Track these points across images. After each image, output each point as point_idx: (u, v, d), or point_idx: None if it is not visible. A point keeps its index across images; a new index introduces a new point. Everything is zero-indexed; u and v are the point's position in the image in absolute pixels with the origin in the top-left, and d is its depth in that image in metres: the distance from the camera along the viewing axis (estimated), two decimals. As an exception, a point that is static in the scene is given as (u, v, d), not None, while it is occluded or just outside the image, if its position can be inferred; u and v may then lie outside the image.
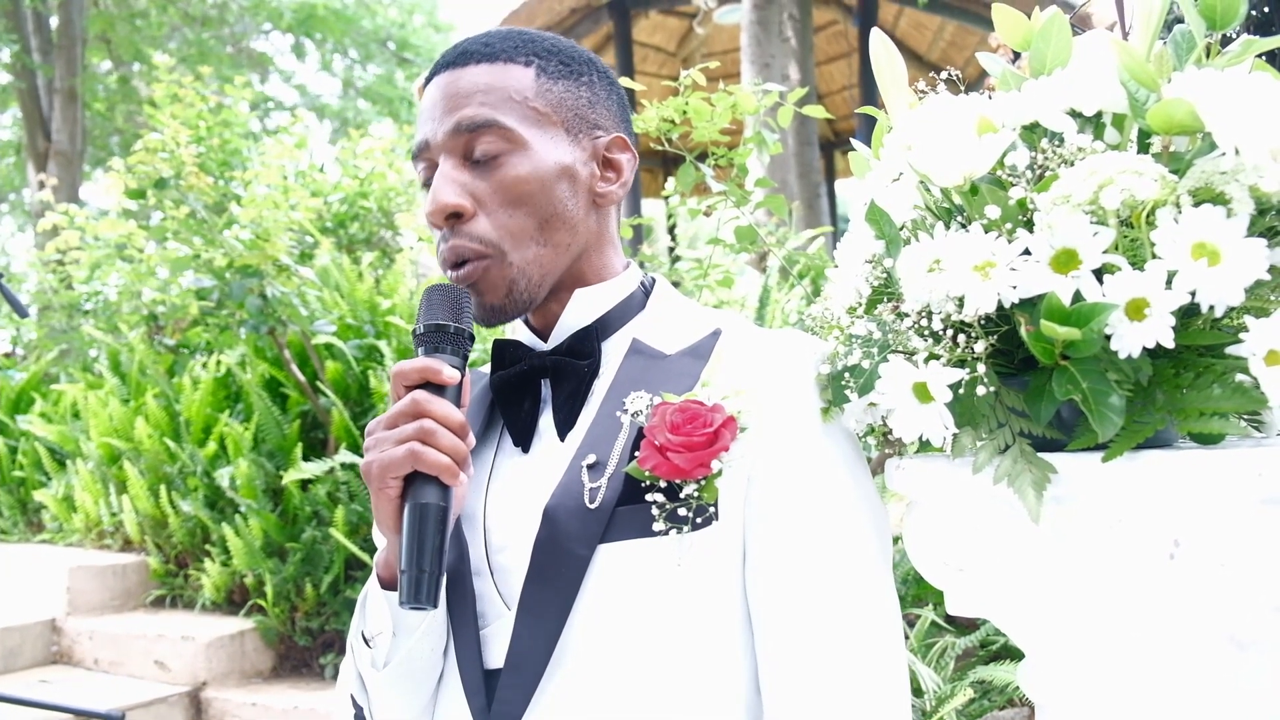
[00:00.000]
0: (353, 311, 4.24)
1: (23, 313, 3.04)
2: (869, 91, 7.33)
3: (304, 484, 3.72)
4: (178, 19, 14.47)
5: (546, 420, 1.01)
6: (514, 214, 0.97)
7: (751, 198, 2.16)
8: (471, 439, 0.91)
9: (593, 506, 0.91)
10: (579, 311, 1.03)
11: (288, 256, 3.67)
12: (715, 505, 0.90)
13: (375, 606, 0.97)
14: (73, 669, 3.76)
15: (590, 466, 0.93)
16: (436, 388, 0.90)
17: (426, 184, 1.01)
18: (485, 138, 0.96)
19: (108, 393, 4.53)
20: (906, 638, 2.35)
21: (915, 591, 2.52)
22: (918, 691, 2.13)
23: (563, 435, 0.99)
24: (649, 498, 0.89)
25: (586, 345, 1.01)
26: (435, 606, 0.85)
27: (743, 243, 2.11)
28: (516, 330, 1.08)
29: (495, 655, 0.94)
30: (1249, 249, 0.67)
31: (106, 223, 4.64)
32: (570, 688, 0.91)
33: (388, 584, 0.97)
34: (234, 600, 3.83)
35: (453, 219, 0.97)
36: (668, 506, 0.89)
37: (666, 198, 2.68)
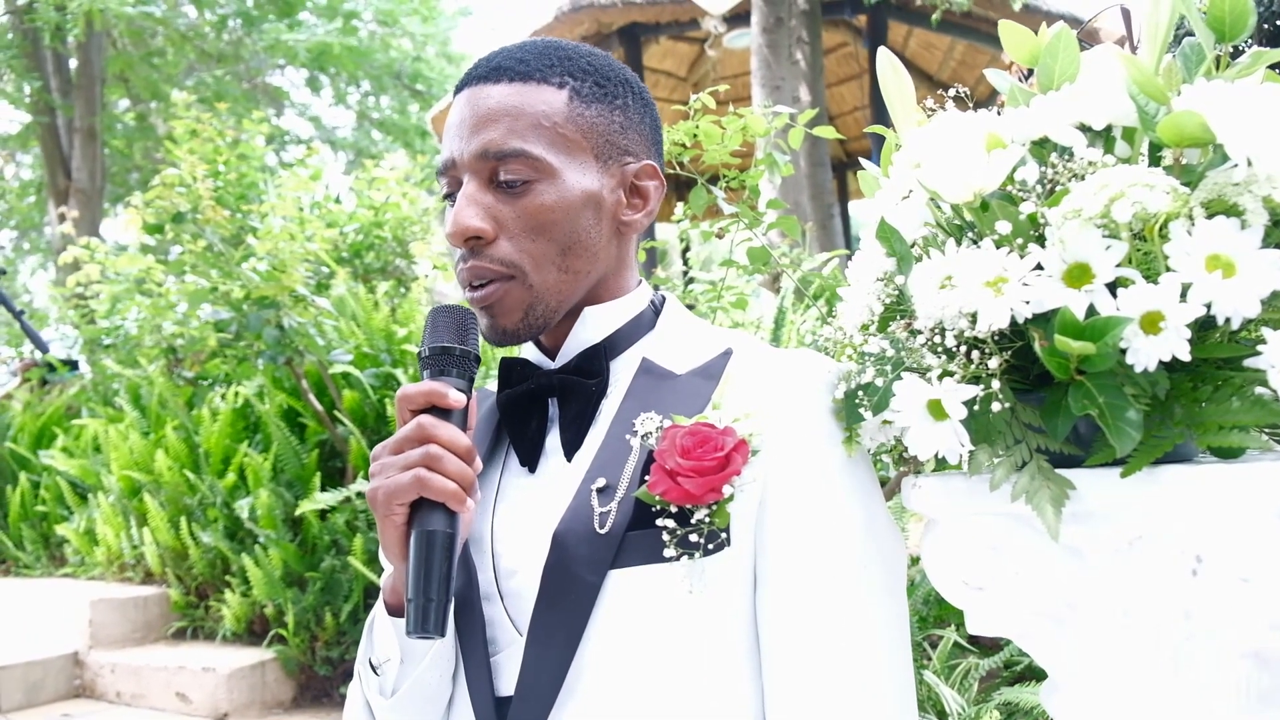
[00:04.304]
0: (369, 340, 4.26)
1: (44, 348, 3.09)
2: (880, 112, 7.34)
3: (323, 513, 3.73)
4: (194, 56, 14.66)
5: (554, 440, 0.99)
6: (536, 240, 0.95)
7: (764, 219, 2.16)
8: (478, 463, 0.90)
9: (603, 532, 0.89)
10: (588, 329, 1.01)
11: (304, 287, 3.70)
12: (727, 530, 0.88)
13: (382, 633, 0.96)
14: (95, 702, 3.76)
15: (600, 490, 0.91)
16: (443, 411, 0.89)
17: (449, 198, 0.99)
18: (511, 165, 0.94)
19: (128, 426, 4.55)
20: (929, 659, 2.33)
21: (937, 612, 2.50)
22: (942, 714, 2.10)
23: (570, 455, 0.97)
24: (659, 523, 0.87)
25: (595, 364, 0.99)
26: (442, 635, 0.84)
27: (756, 264, 2.11)
28: (524, 348, 1.06)
29: (506, 683, 0.93)
30: (1264, 260, 0.66)
31: (126, 258, 4.69)
32: (582, 716, 0.89)
33: (395, 610, 0.96)
34: (254, 631, 3.83)
35: (473, 241, 0.95)
36: (679, 532, 0.87)
37: (679, 221, 2.68)
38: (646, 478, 0.89)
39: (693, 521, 0.87)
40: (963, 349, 0.73)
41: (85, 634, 3.90)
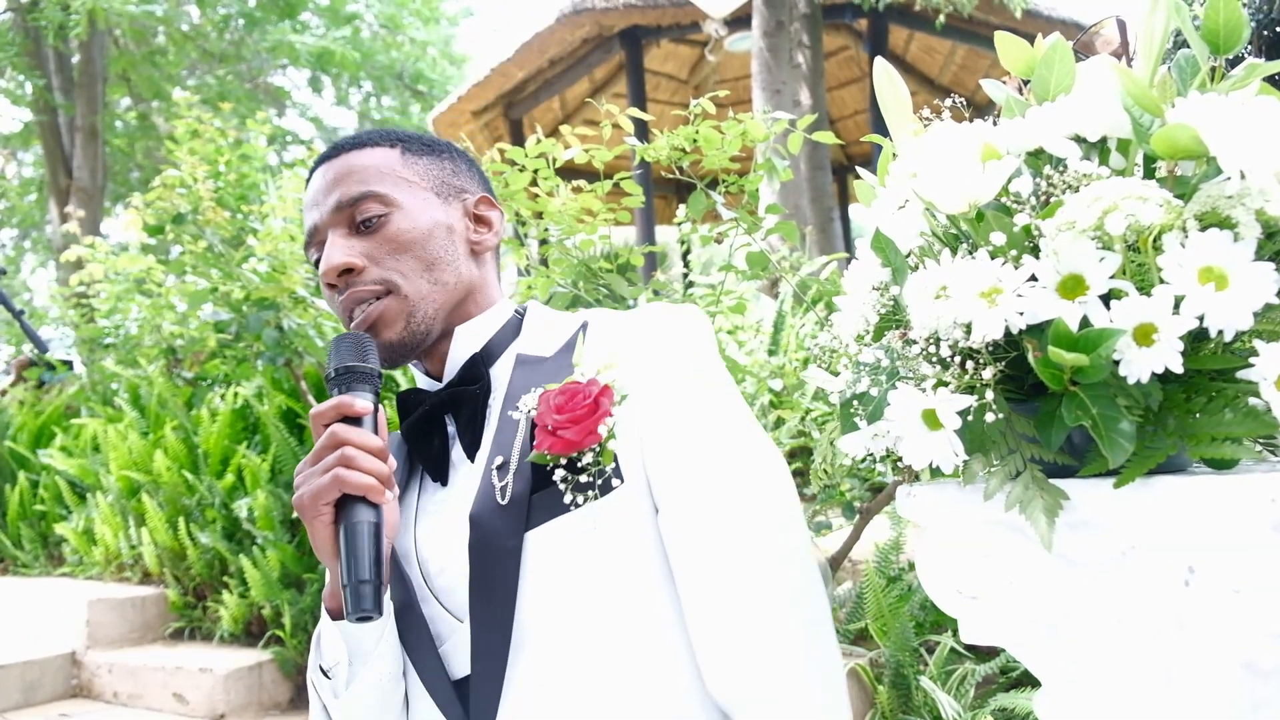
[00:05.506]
0: (368, 342, 4.25)
1: (43, 348, 3.09)
2: (881, 116, 7.35)
3: (321, 515, 3.72)
4: (196, 56, 14.67)
5: (458, 451, 1.09)
6: (401, 258, 1.07)
7: (762, 224, 2.16)
8: (392, 461, 0.99)
9: (505, 502, 0.98)
10: (463, 345, 1.11)
11: (304, 289, 3.69)
12: (618, 466, 0.97)
13: (329, 639, 1.03)
14: (92, 702, 3.76)
15: (499, 468, 1.01)
16: (354, 420, 0.97)
17: (318, 263, 1.10)
18: (364, 205, 1.07)
19: (127, 426, 4.55)
20: (926, 664, 2.33)
21: (934, 618, 2.50)
22: (938, 720, 2.10)
23: (472, 457, 1.06)
24: (555, 476, 0.96)
25: (476, 371, 1.09)
26: (380, 614, 0.92)
27: (754, 269, 2.12)
28: (415, 380, 1.17)
29: (459, 665, 1.00)
30: (1257, 272, 0.66)
31: (126, 257, 4.69)
32: (535, 670, 0.97)
33: (336, 615, 1.02)
34: (252, 632, 3.83)
35: (345, 275, 1.06)
36: (572, 479, 0.96)
37: (679, 224, 2.68)
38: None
39: (580, 466, 0.96)
40: (957, 359, 0.74)
41: (83, 634, 3.89)
